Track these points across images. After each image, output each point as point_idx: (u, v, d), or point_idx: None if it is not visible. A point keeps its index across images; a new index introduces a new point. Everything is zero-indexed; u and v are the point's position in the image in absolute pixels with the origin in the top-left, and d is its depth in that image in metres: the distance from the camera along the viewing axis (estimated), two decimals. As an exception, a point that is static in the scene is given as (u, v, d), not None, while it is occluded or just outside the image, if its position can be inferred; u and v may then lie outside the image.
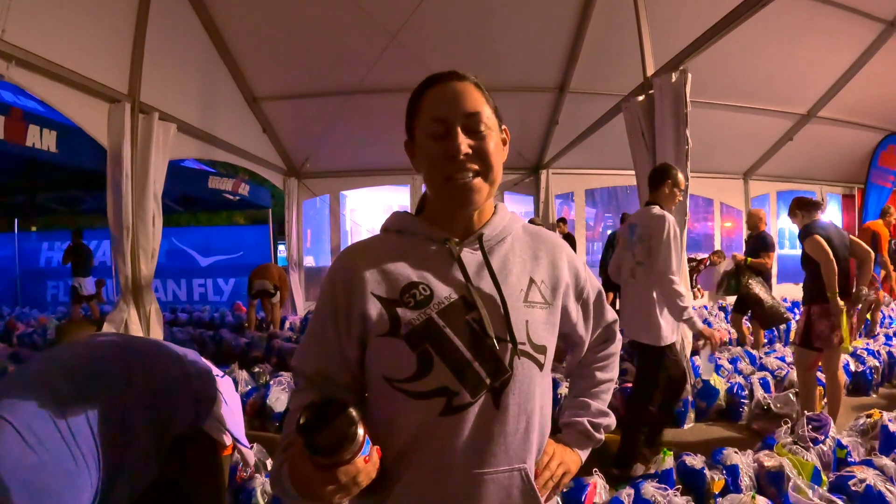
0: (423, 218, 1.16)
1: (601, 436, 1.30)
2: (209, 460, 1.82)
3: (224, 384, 1.96)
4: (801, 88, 8.34)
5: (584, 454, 1.28)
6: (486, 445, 1.02)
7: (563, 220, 9.32)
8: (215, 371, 1.97)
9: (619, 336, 1.39)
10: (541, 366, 1.08)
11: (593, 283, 1.29)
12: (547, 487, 1.15)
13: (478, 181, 1.06)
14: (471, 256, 1.10)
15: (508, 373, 1.03)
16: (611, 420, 1.31)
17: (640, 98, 4.94)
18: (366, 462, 0.87)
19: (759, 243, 6.26)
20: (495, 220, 1.16)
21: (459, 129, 1.03)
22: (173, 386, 1.68)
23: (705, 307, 9.45)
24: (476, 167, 1.05)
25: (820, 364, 4.21)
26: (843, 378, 4.31)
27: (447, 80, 1.07)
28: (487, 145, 1.06)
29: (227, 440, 1.86)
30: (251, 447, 1.99)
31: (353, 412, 0.83)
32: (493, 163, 1.07)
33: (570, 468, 1.22)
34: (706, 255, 8.95)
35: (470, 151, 1.03)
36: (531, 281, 1.13)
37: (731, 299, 7.32)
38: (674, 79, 4.48)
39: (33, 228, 15.00)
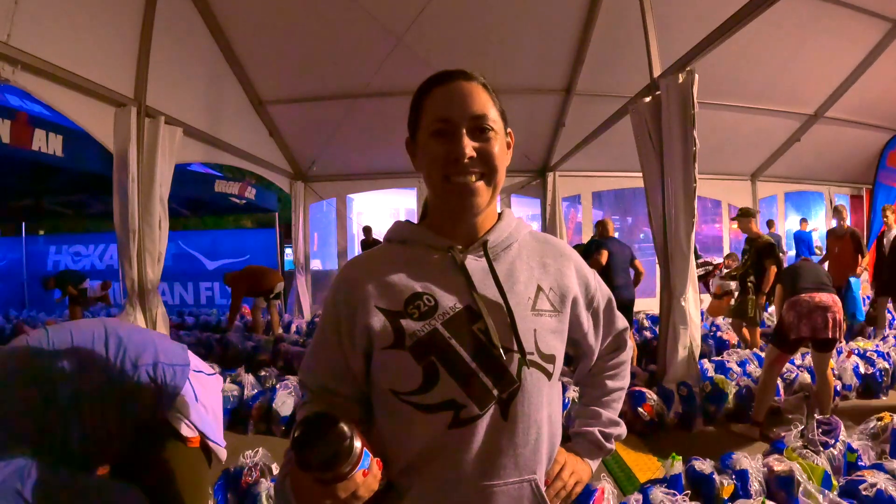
0: (426, 225, 1.14)
1: (612, 445, 1.27)
2: (168, 447, 1.93)
3: (208, 381, 2.12)
4: (809, 88, 8.30)
5: (594, 464, 1.26)
6: (496, 457, 1.00)
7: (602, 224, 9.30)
8: (201, 367, 2.14)
9: (629, 344, 1.36)
10: (549, 375, 1.05)
11: (603, 291, 1.26)
12: (559, 497, 1.13)
13: (480, 184, 1.03)
14: (475, 264, 1.07)
15: (517, 383, 1.00)
16: (622, 429, 1.29)
17: (647, 99, 4.91)
18: (364, 475, 0.85)
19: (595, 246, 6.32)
20: (500, 226, 1.13)
21: (465, 131, 1.01)
22: (134, 371, 1.86)
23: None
24: (479, 170, 1.02)
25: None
26: (832, 379, 4.39)
27: (454, 79, 1.04)
28: (492, 148, 1.03)
29: (189, 432, 1.96)
30: (224, 445, 2.10)
31: (345, 427, 0.81)
32: (496, 165, 1.04)
33: (582, 478, 1.20)
34: (720, 260, 8.96)
35: (474, 155, 1.01)
36: (539, 289, 1.09)
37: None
38: (681, 80, 4.45)
39: (41, 232, 15.08)
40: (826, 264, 7.64)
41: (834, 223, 7.55)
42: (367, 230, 10.06)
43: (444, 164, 1.01)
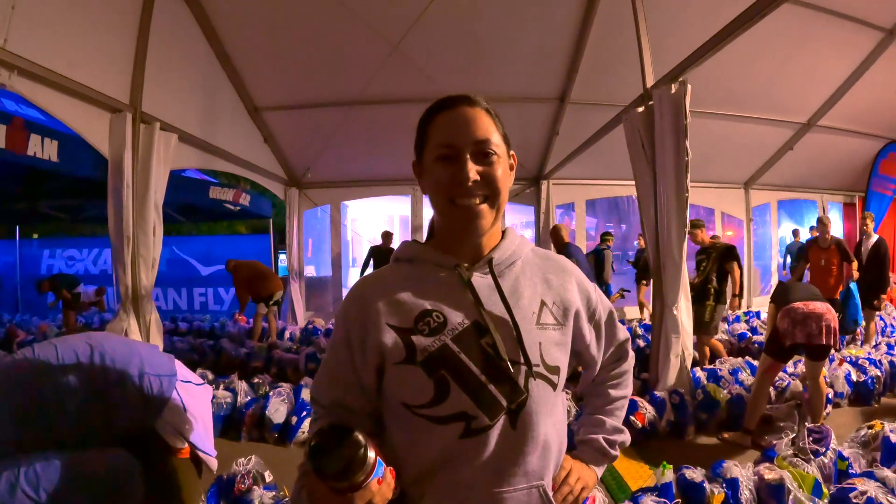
0: (432, 245, 1.18)
1: (616, 452, 1.32)
2: (158, 458, 1.98)
3: (196, 391, 2.15)
4: (801, 97, 8.36)
5: (599, 470, 1.31)
6: (506, 466, 1.04)
7: (608, 234, 9.43)
8: (189, 377, 2.17)
9: (631, 354, 1.40)
10: (554, 385, 1.10)
11: (605, 304, 1.30)
12: (566, 502, 1.18)
13: (484, 206, 1.07)
14: (481, 281, 1.11)
15: (524, 394, 1.04)
16: (625, 436, 1.34)
17: (640, 109, 4.95)
18: (379, 484, 0.89)
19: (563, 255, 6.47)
20: (504, 244, 1.17)
21: (468, 156, 1.05)
22: (119, 383, 1.91)
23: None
24: (483, 193, 1.06)
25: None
26: (825, 387, 4.41)
27: (458, 105, 1.08)
28: (495, 172, 1.07)
29: (178, 443, 2.01)
30: (215, 455, 2.12)
31: (359, 436, 0.85)
32: (499, 188, 1.08)
33: (588, 483, 1.24)
34: None
35: (478, 178, 1.05)
36: (542, 303, 1.14)
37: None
38: (673, 90, 4.49)
39: (35, 236, 15.04)
40: (805, 275, 7.61)
41: (817, 234, 7.50)
42: (386, 236, 9.78)
43: (449, 188, 1.06)
